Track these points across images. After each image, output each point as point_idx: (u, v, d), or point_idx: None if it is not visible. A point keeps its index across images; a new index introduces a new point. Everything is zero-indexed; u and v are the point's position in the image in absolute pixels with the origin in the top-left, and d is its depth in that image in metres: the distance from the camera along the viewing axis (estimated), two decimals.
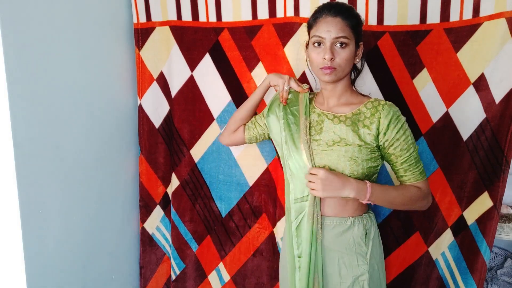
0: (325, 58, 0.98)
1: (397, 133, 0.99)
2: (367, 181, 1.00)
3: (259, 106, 1.32)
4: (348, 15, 0.99)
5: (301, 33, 1.36)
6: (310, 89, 1.22)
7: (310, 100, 1.16)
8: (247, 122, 1.32)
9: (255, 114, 1.34)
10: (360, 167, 1.01)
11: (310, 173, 1.01)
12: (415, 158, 1.03)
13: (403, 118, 1.01)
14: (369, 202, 1.01)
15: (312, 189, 1.00)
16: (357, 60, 1.05)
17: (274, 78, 1.20)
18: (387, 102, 1.03)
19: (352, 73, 1.12)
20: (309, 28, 1.06)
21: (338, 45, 0.98)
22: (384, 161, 1.09)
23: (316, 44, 1.01)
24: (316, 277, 1.05)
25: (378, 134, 1.00)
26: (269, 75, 1.22)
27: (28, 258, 1.03)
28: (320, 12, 1.02)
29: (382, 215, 1.41)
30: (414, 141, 1.03)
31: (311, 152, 1.05)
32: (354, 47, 1.01)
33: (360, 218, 1.06)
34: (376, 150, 1.03)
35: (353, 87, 1.12)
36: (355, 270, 1.03)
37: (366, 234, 1.05)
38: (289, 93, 1.17)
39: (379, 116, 1.00)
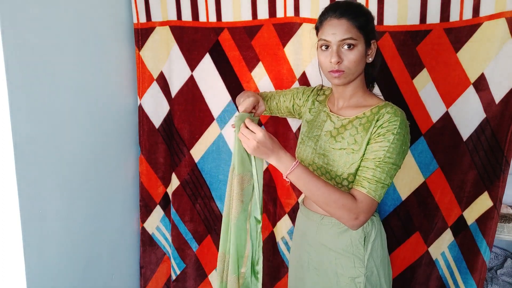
0: (331, 62, 0.95)
1: (381, 135, 0.93)
2: (298, 160, 0.98)
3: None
4: (355, 14, 0.94)
5: (301, 33, 1.35)
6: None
7: (326, 96, 1.15)
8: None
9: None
10: (353, 169, 0.98)
11: (249, 129, 0.96)
12: (380, 167, 0.92)
13: (400, 129, 0.92)
14: (288, 180, 0.97)
15: (244, 143, 0.96)
16: (370, 59, 0.99)
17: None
18: (397, 109, 0.96)
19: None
20: (317, 31, 1.02)
21: (346, 47, 0.94)
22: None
23: (323, 48, 0.98)
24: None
25: (369, 139, 0.96)
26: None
27: (28, 258, 1.03)
28: (325, 14, 0.98)
29: (382, 215, 1.41)
30: (396, 162, 0.93)
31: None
32: (363, 47, 0.96)
33: None
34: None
35: (367, 88, 1.07)
36: (351, 271, 1.03)
37: (365, 238, 1.03)
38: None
39: (377, 119, 0.95)
